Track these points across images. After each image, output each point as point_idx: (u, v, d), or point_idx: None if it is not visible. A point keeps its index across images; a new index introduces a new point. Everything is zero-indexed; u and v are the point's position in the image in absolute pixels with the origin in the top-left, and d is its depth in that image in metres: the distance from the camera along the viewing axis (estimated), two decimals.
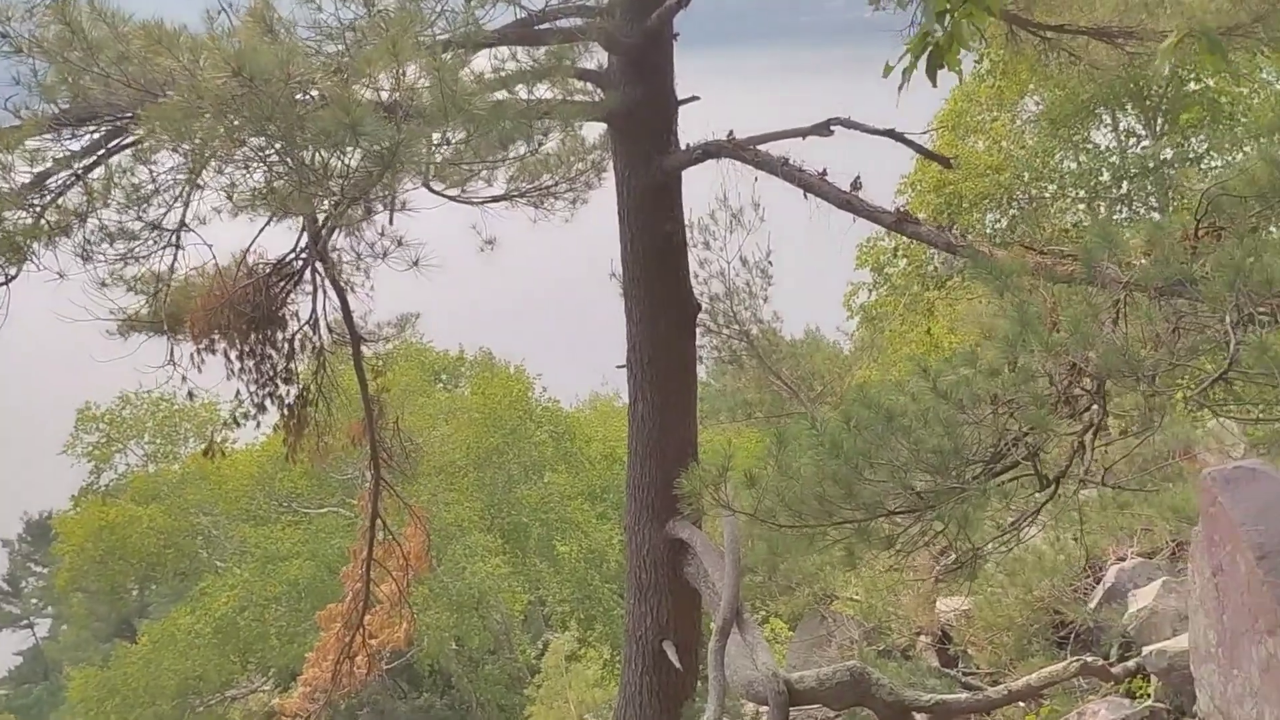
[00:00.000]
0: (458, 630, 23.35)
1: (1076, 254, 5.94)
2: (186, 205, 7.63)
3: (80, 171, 7.03)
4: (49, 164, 6.75)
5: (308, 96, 5.59)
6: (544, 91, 7.95)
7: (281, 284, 8.88)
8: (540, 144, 7.60)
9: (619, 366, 9.61)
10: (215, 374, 8.84)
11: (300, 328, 9.20)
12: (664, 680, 9.41)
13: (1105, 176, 18.96)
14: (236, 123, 5.45)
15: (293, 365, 9.24)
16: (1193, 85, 18.95)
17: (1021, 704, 8.38)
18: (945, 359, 6.71)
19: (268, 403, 9.25)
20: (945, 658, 11.52)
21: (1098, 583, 10.09)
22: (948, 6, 3.94)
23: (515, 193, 9.02)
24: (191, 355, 8.62)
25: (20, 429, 44.55)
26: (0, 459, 44.21)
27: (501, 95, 7.26)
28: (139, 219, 7.46)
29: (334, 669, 11.18)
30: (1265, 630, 3.34)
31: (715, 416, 18.00)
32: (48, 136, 6.57)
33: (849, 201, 7.51)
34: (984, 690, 8.77)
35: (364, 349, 9.96)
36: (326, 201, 6.79)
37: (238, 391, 9.08)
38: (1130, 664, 8.13)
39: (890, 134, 8.18)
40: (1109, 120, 20.24)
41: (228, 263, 8.55)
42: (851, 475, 4.86)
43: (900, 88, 4.21)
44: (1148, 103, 19.39)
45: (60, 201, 6.99)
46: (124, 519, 26.42)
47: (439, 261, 8.27)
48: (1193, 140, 18.67)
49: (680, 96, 8.67)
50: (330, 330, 9.56)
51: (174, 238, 7.84)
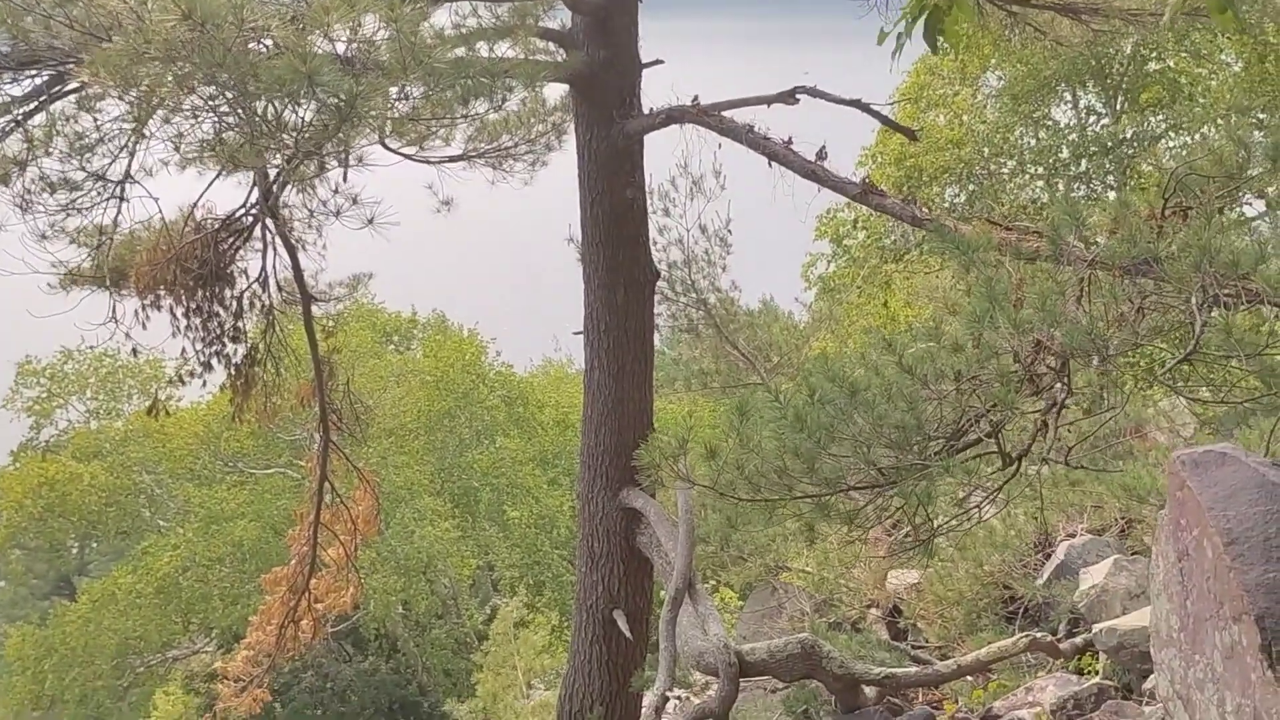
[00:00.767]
0: (405, 594, 23.24)
1: (1041, 230, 5.90)
2: (132, 156, 7.42)
3: (20, 118, 6.80)
4: None
5: (261, 45, 5.38)
6: (506, 50, 7.78)
7: (230, 240, 8.67)
8: (503, 101, 7.42)
9: (575, 333, 9.48)
10: (160, 331, 8.64)
11: (249, 285, 9.03)
12: (614, 649, 9.36)
13: (1064, 153, 19.00)
14: (186, 69, 5.23)
15: (241, 324, 9.07)
16: (1154, 65, 19.03)
17: (970, 678, 8.43)
18: (905, 332, 6.65)
19: (214, 361, 9.09)
20: (895, 631, 11.59)
21: (1047, 559, 10.16)
22: None
23: (474, 153, 8.85)
24: (136, 311, 8.41)
25: None
26: None
27: (462, 52, 7.08)
28: (82, 169, 7.25)
29: (278, 633, 11.03)
30: (1230, 616, 3.30)
31: (671, 385, 17.93)
32: None
33: (814, 171, 7.42)
34: (933, 664, 8.83)
35: (315, 308, 9.80)
36: (279, 155, 6.60)
37: (184, 349, 8.90)
38: (1079, 640, 8.20)
39: (856, 104, 8.09)
40: (1070, 97, 20.28)
41: (175, 217, 8.33)
42: (814, 449, 4.78)
43: (894, 54, 4.09)
44: (1109, 81, 19.43)
45: None
46: (65, 476, 25.87)
47: (395, 221, 8.09)
48: (1152, 120, 18.75)
49: (645, 60, 8.52)
50: (280, 289, 9.39)
51: (119, 189, 7.62)
